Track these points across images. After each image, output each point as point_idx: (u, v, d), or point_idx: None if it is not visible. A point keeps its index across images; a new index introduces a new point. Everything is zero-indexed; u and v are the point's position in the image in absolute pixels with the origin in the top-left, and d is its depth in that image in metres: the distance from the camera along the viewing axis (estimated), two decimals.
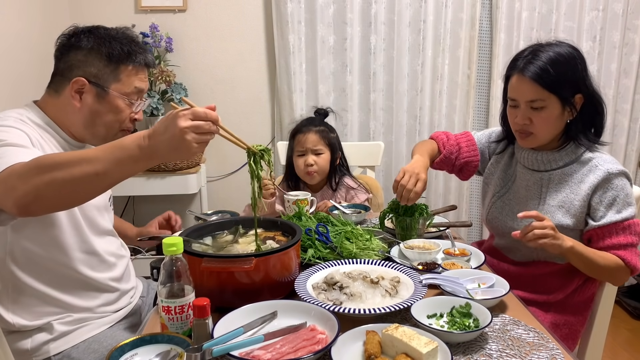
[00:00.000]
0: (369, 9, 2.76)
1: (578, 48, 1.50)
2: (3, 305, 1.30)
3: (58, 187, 1.04)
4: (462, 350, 1.07)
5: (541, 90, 1.43)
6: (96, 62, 1.33)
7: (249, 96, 2.91)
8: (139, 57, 1.37)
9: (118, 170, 1.06)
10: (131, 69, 1.36)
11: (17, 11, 2.16)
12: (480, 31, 2.87)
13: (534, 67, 1.43)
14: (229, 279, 1.18)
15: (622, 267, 1.45)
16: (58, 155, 1.08)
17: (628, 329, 2.85)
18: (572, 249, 1.39)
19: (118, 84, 1.35)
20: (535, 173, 1.58)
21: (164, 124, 1.03)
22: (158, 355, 1.00)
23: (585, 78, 1.47)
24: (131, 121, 1.41)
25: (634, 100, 2.98)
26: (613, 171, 1.46)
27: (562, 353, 1.06)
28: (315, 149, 2.00)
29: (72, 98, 1.33)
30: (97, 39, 1.34)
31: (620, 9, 2.84)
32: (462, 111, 2.93)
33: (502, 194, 1.67)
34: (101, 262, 1.42)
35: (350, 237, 1.50)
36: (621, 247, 1.45)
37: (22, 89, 2.16)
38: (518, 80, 1.47)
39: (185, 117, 1.02)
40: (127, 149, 1.04)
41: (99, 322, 1.41)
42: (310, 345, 1.01)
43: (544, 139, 1.52)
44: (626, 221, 1.45)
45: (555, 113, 1.46)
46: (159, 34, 2.70)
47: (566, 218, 1.50)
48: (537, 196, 1.57)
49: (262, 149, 1.23)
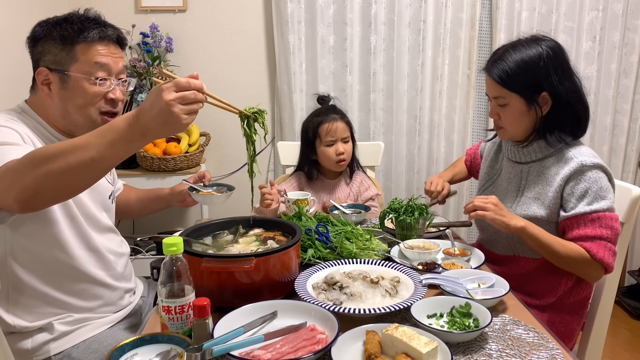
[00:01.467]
0: (369, 9, 2.76)
1: (555, 47, 1.51)
2: (3, 307, 1.30)
3: (56, 178, 1.04)
4: (462, 350, 1.07)
5: (501, 88, 1.52)
6: (52, 49, 1.30)
7: (249, 96, 2.91)
8: (92, 32, 1.31)
9: (112, 152, 1.04)
10: (85, 46, 1.30)
11: (17, 11, 2.17)
12: (480, 31, 2.88)
13: (497, 69, 1.52)
14: (229, 279, 1.18)
15: (587, 259, 1.44)
16: (51, 146, 1.07)
17: (628, 328, 2.85)
18: (523, 229, 1.44)
19: (77, 64, 1.30)
20: (517, 165, 1.62)
21: (150, 101, 1.01)
22: (158, 355, 1.00)
23: (550, 77, 1.49)
24: (107, 102, 1.34)
25: (633, 100, 2.98)
26: (587, 163, 1.47)
27: (562, 353, 1.06)
28: (344, 137, 2.01)
29: (42, 91, 1.32)
30: (49, 26, 1.31)
31: (620, 9, 2.84)
32: (462, 111, 2.93)
33: (487, 187, 1.74)
34: (102, 259, 1.41)
35: (350, 237, 1.50)
36: (587, 238, 1.44)
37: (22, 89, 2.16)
38: (487, 79, 1.57)
39: (169, 89, 1.00)
40: (118, 130, 1.03)
41: (99, 322, 1.40)
42: (310, 345, 1.02)
43: (514, 133, 1.58)
44: (596, 213, 1.44)
45: (519, 109, 1.52)
46: (159, 34, 2.70)
47: (540, 209, 1.52)
48: (517, 188, 1.61)
49: (254, 111, 1.20)
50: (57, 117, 1.35)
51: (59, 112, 1.33)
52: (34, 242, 1.28)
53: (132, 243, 2.59)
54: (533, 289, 1.57)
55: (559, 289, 1.56)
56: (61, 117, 1.34)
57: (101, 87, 1.33)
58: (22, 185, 1.03)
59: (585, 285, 1.58)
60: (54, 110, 1.34)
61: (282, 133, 2.89)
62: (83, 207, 1.37)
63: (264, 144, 2.85)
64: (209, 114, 2.86)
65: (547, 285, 1.57)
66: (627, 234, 1.60)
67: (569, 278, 1.55)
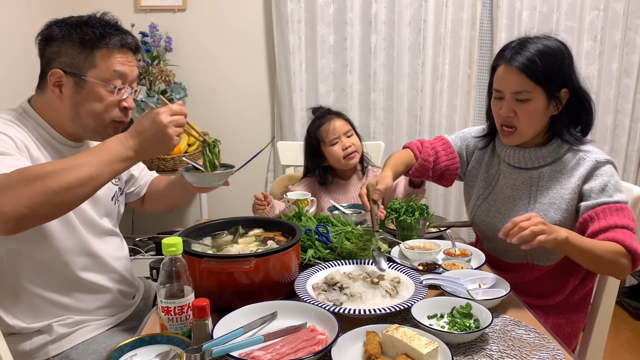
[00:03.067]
0: (369, 9, 2.76)
1: (566, 44, 1.47)
2: (3, 307, 1.29)
3: (55, 195, 1.05)
4: (463, 350, 1.06)
5: (528, 81, 1.41)
6: (70, 51, 1.26)
7: (249, 96, 2.91)
8: (113, 39, 1.29)
9: (108, 170, 1.12)
10: (106, 52, 1.28)
11: (17, 11, 2.16)
12: (480, 31, 2.87)
13: (522, 58, 1.40)
14: (229, 280, 1.18)
15: (622, 253, 1.34)
16: (45, 165, 1.09)
17: (629, 329, 2.84)
18: (567, 240, 1.28)
19: (95, 70, 1.27)
20: (523, 171, 1.55)
21: (147, 122, 1.14)
22: (158, 356, 1.00)
23: (571, 73, 1.45)
24: (121, 110, 1.33)
25: (634, 100, 2.97)
26: (600, 159, 1.45)
27: (563, 353, 1.06)
28: (346, 132, 2.00)
29: (52, 93, 1.28)
30: (68, 27, 1.28)
31: (621, 8, 2.83)
32: (462, 111, 2.93)
33: (487, 196, 1.63)
34: (101, 264, 1.40)
35: (350, 237, 1.50)
36: (617, 227, 1.36)
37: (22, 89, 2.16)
38: (505, 71, 1.44)
39: (166, 113, 1.14)
40: (113, 150, 1.12)
41: (98, 323, 1.40)
42: (310, 345, 1.01)
43: (526, 134, 1.48)
44: (619, 204, 1.40)
45: (541, 106, 1.43)
46: (159, 33, 2.69)
47: (557, 214, 1.47)
48: (527, 195, 1.53)
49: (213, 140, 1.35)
50: (65, 120, 1.32)
51: (68, 115, 1.31)
52: (31, 248, 1.26)
53: (131, 243, 2.59)
54: (541, 290, 1.55)
55: (567, 288, 1.54)
56: (70, 120, 1.31)
57: (117, 95, 1.31)
58: (16, 204, 1.02)
59: (589, 280, 1.57)
60: (63, 112, 1.31)
61: (282, 133, 2.88)
62: (81, 213, 1.34)
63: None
64: (209, 114, 2.87)
65: (556, 286, 1.55)
66: None
67: (576, 277, 1.54)
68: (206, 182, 1.38)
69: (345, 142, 1.98)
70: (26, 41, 2.23)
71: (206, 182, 1.38)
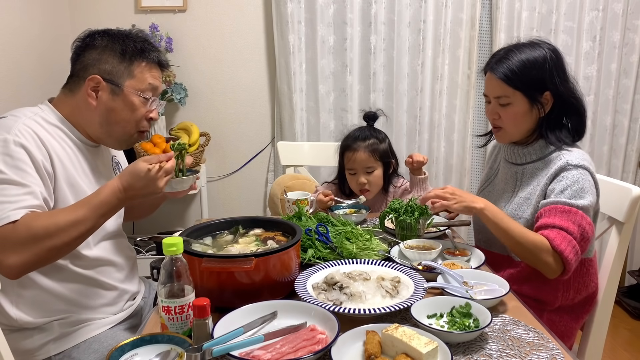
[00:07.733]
0: (369, 9, 2.76)
1: (555, 49, 1.55)
2: (8, 297, 1.30)
3: (58, 251, 1.20)
4: (462, 350, 1.07)
5: (506, 87, 1.52)
6: (110, 59, 1.36)
7: (249, 96, 2.91)
8: (152, 54, 1.40)
9: (103, 221, 1.26)
10: (145, 66, 1.38)
11: (17, 10, 2.16)
12: (480, 31, 2.87)
13: (503, 67, 1.52)
14: (229, 279, 1.18)
15: (546, 249, 1.38)
16: (50, 221, 1.17)
17: (628, 329, 2.85)
18: (482, 211, 1.44)
19: (132, 80, 1.37)
20: (513, 166, 1.64)
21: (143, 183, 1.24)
22: (158, 355, 1.00)
23: (554, 77, 1.51)
24: (147, 120, 1.42)
25: (634, 100, 2.98)
26: (573, 163, 1.47)
27: (562, 353, 1.06)
28: (367, 167, 1.92)
29: (88, 96, 1.35)
30: (110, 37, 1.37)
31: (620, 9, 2.84)
32: (462, 111, 2.93)
33: (485, 187, 1.75)
34: (106, 264, 1.42)
35: (350, 237, 1.50)
36: (553, 227, 1.40)
37: (22, 88, 2.17)
38: (488, 78, 1.57)
39: (161, 178, 1.26)
40: (109, 204, 1.23)
41: (100, 322, 1.41)
42: (310, 345, 1.01)
43: (513, 133, 1.58)
44: (568, 206, 1.42)
45: (522, 109, 1.53)
46: (159, 34, 2.70)
47: (528, 210, 1.54)
48: (512, 189, 1.62)
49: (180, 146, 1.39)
50: (93, 123, 1.38)
51: (99, 120, 1.37)
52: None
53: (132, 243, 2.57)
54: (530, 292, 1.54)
55: (557, 295, 1.54)
56: (98, 125, 1.38)
57: (148, 106, 1.40)
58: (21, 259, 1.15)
59: (585, 288, 1.57)
60: (94, 116, 1.37)
61: (282, 133, 2.88)
62: None
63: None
64: (210, 114, 2.88)
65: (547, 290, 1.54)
66: (627, 234, 1.60)
67: (567, 285, 1.53)
68: (170, 187, 1.37)
69: (362, 179, 1.92)
70: (26, 42, 2.24)
71: (170, 188, 1.37)
